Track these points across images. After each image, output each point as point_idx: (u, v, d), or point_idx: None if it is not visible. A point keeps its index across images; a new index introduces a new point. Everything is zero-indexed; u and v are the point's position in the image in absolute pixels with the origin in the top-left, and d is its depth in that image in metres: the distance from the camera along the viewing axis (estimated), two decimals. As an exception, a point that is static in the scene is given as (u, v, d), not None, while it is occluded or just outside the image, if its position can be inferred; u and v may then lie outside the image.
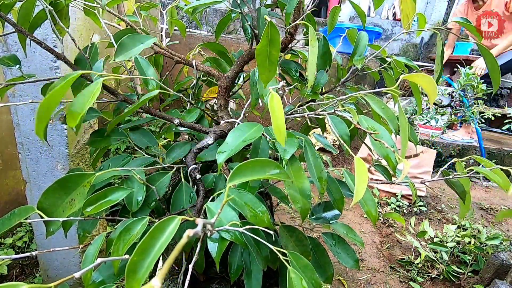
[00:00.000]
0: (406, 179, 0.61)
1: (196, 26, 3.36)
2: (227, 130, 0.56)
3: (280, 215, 1.67)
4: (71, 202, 0.37)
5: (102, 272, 0.47)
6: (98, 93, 0.33)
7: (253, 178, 0.29)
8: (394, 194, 1.87)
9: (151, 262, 0.23)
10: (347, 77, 0.72)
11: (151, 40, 0.47)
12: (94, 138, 0.63)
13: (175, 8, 0.82)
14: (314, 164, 0.48)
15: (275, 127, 0.36)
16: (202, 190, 0.51)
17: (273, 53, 0.42)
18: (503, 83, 3.75)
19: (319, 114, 0.53)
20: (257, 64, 0.43)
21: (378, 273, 1.31)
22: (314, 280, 0.37)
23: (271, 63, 0.42)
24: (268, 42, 0.41)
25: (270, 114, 0.37)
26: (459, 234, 1.40)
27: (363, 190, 0.34)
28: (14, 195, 1.27)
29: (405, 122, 0.44)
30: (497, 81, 0.53)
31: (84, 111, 0.32)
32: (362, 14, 0.65)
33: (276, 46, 0.41)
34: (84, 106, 0.32)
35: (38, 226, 0.97)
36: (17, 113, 0.84)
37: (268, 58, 0.42)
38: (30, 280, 1.12)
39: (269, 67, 0.43)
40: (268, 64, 0.43)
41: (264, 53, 0.42)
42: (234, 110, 1.09)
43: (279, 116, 0.36)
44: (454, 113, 1.91)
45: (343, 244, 0.63)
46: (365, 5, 3.84)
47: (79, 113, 0.32)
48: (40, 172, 0.89)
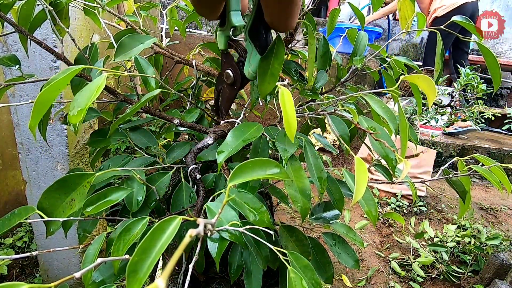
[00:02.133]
0: (406, 179, 0.61)
1: (196, 26, 3.36)
2: (227, 130, 0.56)
3: (280, 215, 1.67)
4: (71, 202, 0.37)
5: (102, 271, 0.47)
6: (103, 87, 0.32)
7: (253, 178, 0.29)
8: (394, 194, 1.87)
9: (152, 262, 0.23)
10: (347, 77, 0.72)
11: (151, 40, 0.47)
12: (94, 138, 0.63)
13: (175, 8, 0.82)
14: (314, 164, 0.48)
15: (286, 123, 0.36)
16: (202, 190, 0.51)
17: (276, 66, 0.42)
18: (503, 83, 3.75)
19: (319, 114, 0.53)
20: (258, 73, 0.43)
21: (378, 273, 1.31)
22: (314, 280, 0.37)
23: (272, 76, 0.42)
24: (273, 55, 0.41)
25: (281, 109, 0.37)
26: (459, 234, 1.40)
27: (363, 190, 0.34)
28: (14, 195, 1.27)
29: (405, 122, 0.44)
30: (498, 81, 0.53)
31: (87, 106, 0.31)
32: (361, 16, 0.65)
33: (279, 60, 0.42)
34: (88, 100, 0.31)
35: (38, 226, 0.97)
36: (17, 113, 0.84)
37: (270, 70, 0.42)
38: (30, 280, 1.12)
39: (269, 79, 0.43)
40: (269, 76, 0.43)
41: (267, 65, 0.42)
42: (234, 110, 1.09)
43: (290, 112, 0.36)
44: (454, 113, 1.91)
45: (343, 244, 0.63)
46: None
47: (82, 108, 0.32)
48: (40, 172, 0.89)
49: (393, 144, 0.47)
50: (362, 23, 0.67)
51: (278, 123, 0.60)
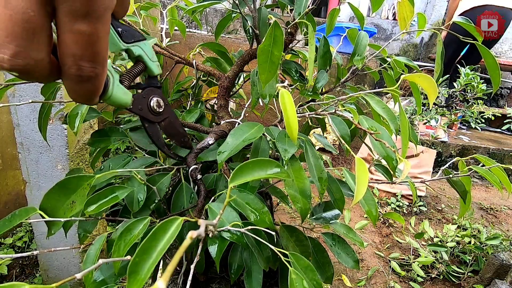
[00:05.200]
0: (407, 179, 0.61)
1: (196, 26, 3.36)
2: (228, 130, 0.56)
3: (280, 215, 1.67)
4: (72, 205, 0.37)
5: (103, 271, 0.47)
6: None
7: (254, 178, 0.29)
8: (394, 194, 1.87)
9: (153, 263, 0.23)
10: (347, 77, 0.72)
11: (151, 41, 0.47)
12: (94, 138, 0.63)
13: (175, 8, 0.82)
14: (314, 164, 0.48)
15: (287, 124, 0.36)
16: (203, 191, 0.51)
17: (275, 54, 0.42)
18: (503, 83, 3.76)
19: (320, 114, 0.53)
20: (258, 63, 0.43)
21: (378, 273, 1.31)
22: (315, 280, 0.37)
23: (272, 64, 0.42)
24: (271, 42, 0.40)
25: (282, 111, 0.37)
26: (459, 234, 1.40)
27: (364, 190, 0.34)
28: (14, 195, 1.27)
29: (406, 122, 0.44)
30: (497, 81, 0.53)
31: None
32: (360, 16, 0.65)
33: (278, 47, 0.41)
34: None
35: (38, 226, 0.97)
36: (17, 113, 0.84)
37: (270, 58, 0.42)
38: (30, 280, 1.12)
39: (270, 67, 0.43)
40: (269, 64, 0.42)
41: (266, 53, 0.42)
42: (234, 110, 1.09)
43: (291, 113, 0.36)
44: (454, 113, 1.92)
45: (343, 244, 0.63)
46: (365, 5, 3.84)
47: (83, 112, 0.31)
48: (40, 172, 0.89)
49: (393, 144, 0.47)
50: (361, 24, 0.67)
51: (279, 123, 0.60)
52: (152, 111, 0.43)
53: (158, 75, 0.41)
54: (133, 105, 0.39)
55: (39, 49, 0.20)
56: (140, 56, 0.37)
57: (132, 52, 0.36)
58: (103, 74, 0.24)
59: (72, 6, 0.20)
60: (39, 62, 0.21)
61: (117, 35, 0.33)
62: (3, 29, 0.19)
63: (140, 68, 0.38)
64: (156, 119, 0.45)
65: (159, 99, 0.44)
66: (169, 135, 0.48)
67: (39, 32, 0.20)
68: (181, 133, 0.50)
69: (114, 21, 0.33)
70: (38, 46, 0.20)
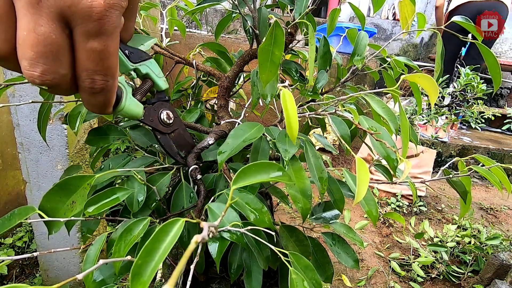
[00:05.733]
0: (407, 179, 0.61)
1: (196, 26, 3.36)
2: (228, 130, 0.56)
3: (280, 215, 1.67)
4: (72, 205, 0.37)
5: (103, 271, 0.47)
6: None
7: (257, 181, 0.29)
8: (394, 194, 1.87)
9: (155, 265, 0.23)
10: (347, 77, 0.72)
11: (152, 41, 0.47)
12: (92, 136, 0.62)
13: (175, 8, 0.82)
14: (315, 164, 0.48)
15: (288, 124, 0.36)
16: (203, 191, 0.51)
17: (276, 53, 0.42)
18: (503, 83, 3.76)
19: (320, 114, 0.53)
20: (259, 63, 0.43)
21: (378, 273, 1.31)
22: (315, 280, 0.37)
23: (272, 63, 0.42)
24: (272, 42, 0.40)
25: (283, 111, 0.37)
26: (459, 234, 1.40)
27: (365, 191, 0.34)
28: (14, 195, 1.27)
29: (406, 122, 0.44)
30: (498, 82, 0.53)
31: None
32: (361, 16, 0.65)
33: (279, 46, 0.41)
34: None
35: (38, 226, 0.97)
36: (17, 113, 0.84)
37: (271, 58, 0.42)
38: (30, 280, 1.12)
39: (270, 67, 0.43)
40: (270, 64, 0.42)
41: (267, 52, 0.42)
42: (234, 110, 1.09)
43: (291, 114, 0.36)
44: (454, 113, 1.92)
45: (343, 243, 0.63)
46: (366, 5, 3.84)
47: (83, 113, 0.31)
48: (40, 172, 0.89)
49: (394, 144, 0.47)
50: (362, 23, 0.67)
51: (279, 123, 0.60)
52: (162, 123, 0.46)
53: (166, 89, 0.44)
54: (145, 116, 0.43)
55: (62, 66, 0.24)
56: (147, 74, 0.40)
57: (140, 71, 0.39)
58: (114, 86, 0.27)
59: (86, 27, 0.23)
60: (63, 77, 0.24)
61: (125, 57, 0.36)
62: (34, 51, 0.22)
63: (149, 84, 0.42)
64: (167, 130, 0.48)
65: (169, 112, 0.47)
66: (179, 145, 0.51)
67: (61, 52, 0.23)
68: (190, 144, 0.53)
69: (122, 44, 0.35)
70: (61, 63, 0.24)
